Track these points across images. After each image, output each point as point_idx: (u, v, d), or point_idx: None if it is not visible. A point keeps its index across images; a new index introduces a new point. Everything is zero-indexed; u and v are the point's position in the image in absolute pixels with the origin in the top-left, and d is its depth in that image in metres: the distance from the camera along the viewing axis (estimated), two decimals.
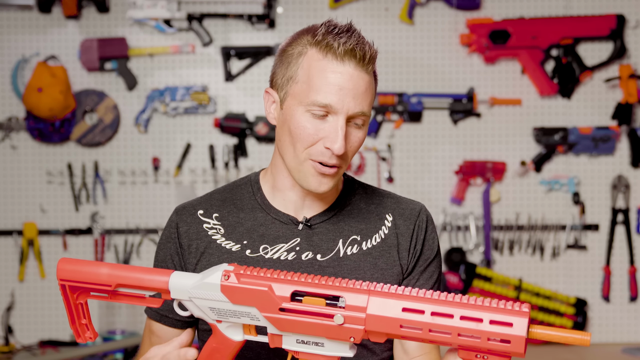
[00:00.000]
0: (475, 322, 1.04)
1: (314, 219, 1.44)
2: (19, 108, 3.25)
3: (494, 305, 1.04)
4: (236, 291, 1.13)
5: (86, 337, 1.23)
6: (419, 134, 3.26)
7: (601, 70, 3.23)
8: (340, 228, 1.44)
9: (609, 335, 3.23)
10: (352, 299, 1.09)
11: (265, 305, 1.12)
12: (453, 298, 1.06)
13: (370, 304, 1.08)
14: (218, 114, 3.25)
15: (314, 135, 1.33)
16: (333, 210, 1.46)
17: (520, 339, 1.02)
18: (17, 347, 3.16)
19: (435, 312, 1.06)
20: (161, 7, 3.20)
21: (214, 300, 1.14)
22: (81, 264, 1.20)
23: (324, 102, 1.31)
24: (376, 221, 1.46)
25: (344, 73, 1.31)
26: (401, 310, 1.07)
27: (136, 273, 1.19)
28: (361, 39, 1.33)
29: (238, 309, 1.14)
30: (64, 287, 1.20)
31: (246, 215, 1.45)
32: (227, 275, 1.13)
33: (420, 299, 1.07)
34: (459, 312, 1.05)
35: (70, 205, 3.26)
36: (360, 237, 1.44)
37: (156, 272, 1.19)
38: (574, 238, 3.24)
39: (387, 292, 1.09)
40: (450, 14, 3.24)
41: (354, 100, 1.32)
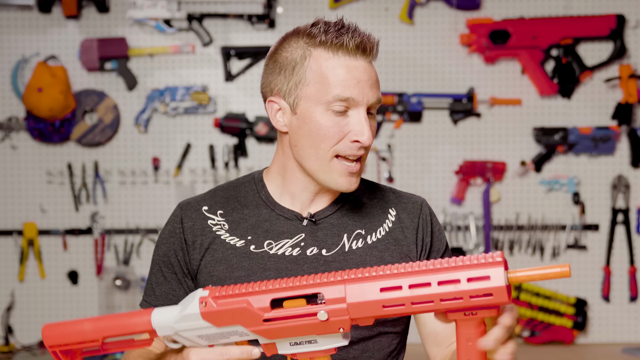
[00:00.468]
0: (453, 284, 1.04)
1: (318, 214, 1.45)
2: (19, 108, 3.25)
3: (467, 263, 1.04)
4: (217, 314, 1.12)
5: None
6: (419, 134, 3.26)
7: (601, 70, 3.23)
8: (344, 223, 1.45)
9: (609, 335, 3.23)
10: (330, 292, 1.09)
11: (248, 320, 1.11)
12: (427, 265, 1.06)
13: (348, 293, 1.08)
14: (218, 114, 3.25)
15: (339, 132, 1.34)
16: (337, 205, 1.46)
17: (501, 289, 1.02)
18: (17, 347, 3.16)
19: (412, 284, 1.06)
20: (161, 7, 3.20)
21: (199, 328, 1.14)
22: (64, 326, 1.18)
23: (345, 96, 1.32)
24: (380, 215, 1.47)
25: (358, 67, 1.35)
26: (379, 291, 1.07)
27: (118, 320, 1.17)
28: (363, 32, 1.37)
29: (224, 330, 1.13)
30: (55, 352, 1.18)
31: (250, 211, 1.45)
32: (205, 302, 1.12)
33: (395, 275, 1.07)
34: (435, 278, 1.05)
35: (70, 205, 3.26)
36: (364, 231, 1.45)
37: (136, 314, 1.17)
38: (574, 238, 3.24)
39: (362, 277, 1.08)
40: (450, 14, 3.24)
41: (371, 90, 1.35)
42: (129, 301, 3.20)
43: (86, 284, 3.26)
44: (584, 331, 3.21)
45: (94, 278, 3.26)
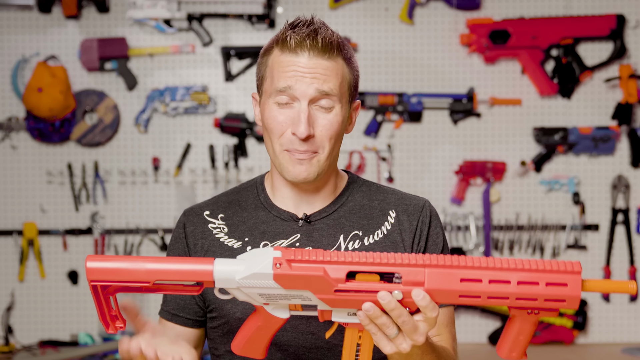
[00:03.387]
0: (532, 286, 1.08)
1: (314, 215, 1.46)
2: (19, 108, 3.25)
3: (548, 267, 1.08)
4: (290, 278, 1.12)
5: (116, 327, 1.19)
6: (419, 134, 3.26)
7: (601, 70, 3.23)
8: (341, 224, 1.46)
9: (609, 335, 3.23)
10: (409, 274, 1.10)
11: (320, 288, 1.12)
12: (509, 263, 1.09)
13: (427, 278, 1.10)
14: (218, 114, 3.25)
15: (282, 124, 1.38)
16: (334, 207, 1.47)
17: (575, 298, 1.08)
18: (17, 347, 3.16)
19: (492, 279, 1.09)
20: (161, 7, 3.20)
21: (265, 287, 1.13)
22: (113, 261, 1.14)
23: (282, 86, 1.36)
24: (379, 217, 1.47)
25: (298, 62, 1.37)
26: (459, 281, 1.09)
27: (176, 265, 1.14)
28: (317, 29, 1.38)
29: (291, 293, 1.13)
30: (95, 287, 1.14)
31: (249, 214, 1.48)
32: (279, 263, 1.12)
33: (478, 267, 1.09)
34: (515, 277, 1.08)
35: (70, 205, 3.26)
36: (362, 232, 1.45)
37: (197, 261, 1.15)
38: (574, 238, 3.24)
39: (444, 264, 1.10)
40: (450, 14, 3.24)
41: (312, 82, 1.36)
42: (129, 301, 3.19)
43: (86, 284, 3.24)
44: (584, 331, 3.21)
45: None
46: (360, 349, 1.18)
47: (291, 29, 1.39)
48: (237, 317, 1.42)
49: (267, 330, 1.19)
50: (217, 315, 1.46)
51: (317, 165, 1.40)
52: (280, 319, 1.18)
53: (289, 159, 1.39)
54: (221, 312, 1.44)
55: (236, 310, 1.42)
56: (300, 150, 1.38)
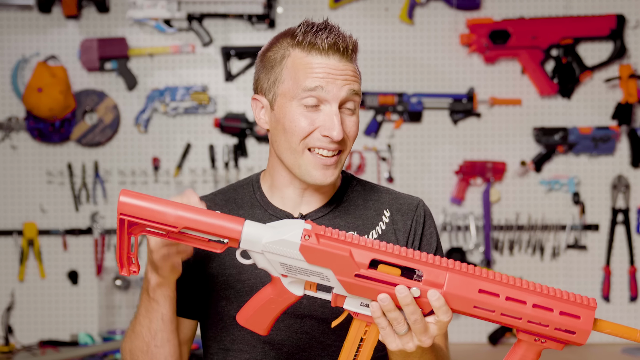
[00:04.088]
0: (546, 311, 1.09)
1: (311, 215, 1.46)
2: (19, 108, 3.25)
3: (565, 297, 1.09)
4: (316, 252, 1.12)
5: (130, 270, 1.18)
6: (419, 134, 3.26)
7: (601, 70, 3.23)
8: (336, 224, 1.46)
9: (609, 335, 3.23)
10: (431, 274, 1.11)
11: (342, 269, 1.12)
12: (528, 285, 1.10)
13: (448, 282, 1.11)
14: (218, 114, 3.25)
15: (309, 126, 1.37)
16: (330, 207, 1.48)
17: (585, 332, 1.08)
18: (17, 347, 3.16)
19: (510, 297, 1.09)
20: (161, 7, 3.20)
21: (289, 257, 1.13)
22: (146, 199, 1.13)
23: (313, 86, 1.35)
24: (373, 217, 1.48)
25: (329, 64, 1.36)
26: (477, 292, 1.10)
27: (206, 217, 1.13)
28: (340, 32, 1.38)
29: (312, 268, 1.13)
30: (123, 221, 1.13)
31: (245, 212, 1.48)
32: (308, 235, 1.12)
33: (497, 282, 1.10)
34: (532, 299, 1.09)
35: (70, 205, 3.26)
36: (357, 232, 1.46)
37: (228, 218, 1.15)
38: (574, 238, 3.24)
39: (466, 272, 1.11)
40: (450, 14, 3.24)
41: (343, 83, 1.36)
42: (129, 301, 3.20)
43: (86, 284, 3.26)
44: None
45: (94, 278, 3.26)
46: (362, 345, 1.18)
47: (313, 32, 1.38)
48: (232, 315, 1.42)
49: (278, 305, 1.19)
50: (212, 312, 1.46)
51: (339, 167, 1.42)
52: (293, 295, 1.17)
53: (313, 163, 1.39)
54: (216, 309, 1.44)
55: (230, 308, 1.43)
56: (330, 149, 1.38)
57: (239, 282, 1.43)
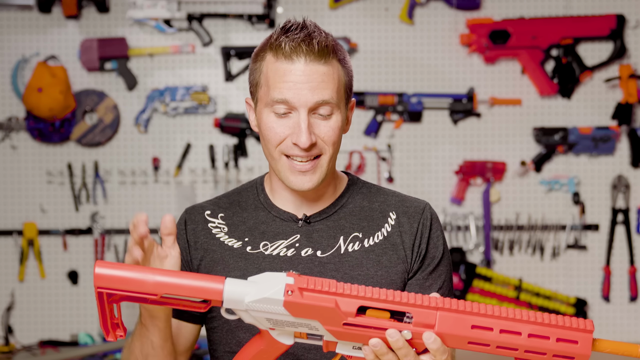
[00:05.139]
0: (542, 340, 1.07)
1: (314, 216, 1.46)
2: (19, 108, 3.25)
3: (560, 323, 1.08)
4: (301, 307, 1.10)
5: (116, 335, 1.16)
6: (419, 134, 3.26)
7: (601, 70, 3.23)
8: (341, 225, 1.46)
9: (609, 335, 3.23)
10: (421, 316, 1.09)
11: (329, 319, 1.10)
12: (521, 315, 1.08)
13: (439, 321, 1.09)
14: (218, 114, 3.25)
15: (280, 134, 1.37)
16: (334, 208, 1.47)
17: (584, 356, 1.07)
18: (17, 347, 3.16)
19: (503, 329, 1.08)
20: (161, 7, 3.20)
21: (274, 313, 1.11)
22: (122, 269, 1.11)
23: (279, 98, 1.35)
24: (379, 219, 1.47)
25: (295, 70, 1.35)
26: (470, 328, 1.08)
27: (186, 280, 1.11)
28: (311, 33, 1.36)
29: (298, 321, 1.12)
30: (101, 294, 1.12)
31: (249, 214, 1.48)
32: (291, 290, 1.10)
33: (490, 316, 1.08)
34: (527, 329, 1.07)
35: (70, 205, 3.26)
36: (362, 234, 1.45)
37: (208, 279, 1.12)
38: (574, 238, 3.24)
39: (457, 309, 1.09)
40: (450, 14, 3.24)
41: (310, 92, 1.34)
42: None
43: (86, 284, 3.26)
44: None
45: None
46: None
47: (284, 34, 1.36)
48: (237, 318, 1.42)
49: (269, 354, 1.17)
50: (217, 316, 1.46)
51: (320, 172, 1.40)
52: (283, 344, 1.16)
53: (289, 168, 1.39)
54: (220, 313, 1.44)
55: None
56: (302, 156, 1.37)
57: None
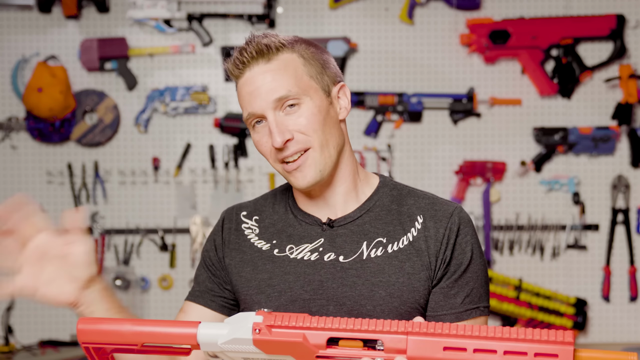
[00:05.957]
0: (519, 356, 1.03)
1: (339, 220, 1.44)
2: (19, 108, 3.25)
3: (537, 337, 1.03)
4: (270, 344, 1.11)
5: None
6: (419, 134, 3.26)
7: (601, 70, 3.23)
8: (365, 230, 1.43)
9: (609, 335, 3.23)
10: (391, 342, 1.08)
11: (300, 354, 1.11)
12: (495, 332, 1.05)
13: (409, 346, 1.07)
14: (218, 114, 3.25)
15: (266, 144, 1.39)
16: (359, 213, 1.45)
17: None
18: (17, 347, 3.16)
19: (477, 348, 1.04)
20: (161, 7, 3.20)
21: (247, 352, 1.13)
22: (102, 323, 1.17)
23: (247, 114, 1.39)
24: (406, 223, 1.43)
25: (246, 82, 1.38)
26: (442, 350, 1.06)
27: (161, 328, 1.15)
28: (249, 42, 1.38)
29: (273, 358, 1.13)
30: (88, 349, 1.17)
31: (279, 217, 1.49)
32: (258, 329, 1.11)
33: (461, 336, 1.05)
34: (502, 346, 1.04)
35: (70, 205, 3.26)
36: (386, 239, 1.42)
37: (182, 325, 1.15)
38: (574, 238, 3.24)
39: (426, 332, 1.07)
40: (450, 14, 3.24)
41: (265, 93, 1.36)
42: (129, 301, 3.19)
43: None
44: (584, 331, 3.21)
45: None
46: None
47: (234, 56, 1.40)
48: None
49: None
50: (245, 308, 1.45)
51: (313, 165, 1.38)
52: None
53: (285, 171, 1.40)
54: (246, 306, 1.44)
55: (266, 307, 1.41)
56: (288, 159, 1.38)
57: (270, 286, 1.42)
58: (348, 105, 1.46)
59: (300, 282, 1.40)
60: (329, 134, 1.40)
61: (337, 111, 1.44)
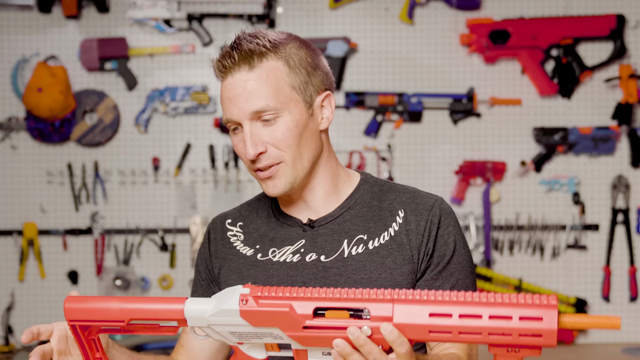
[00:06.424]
0: (504, 320, 1.04)
1: (319, 220, 1.45)
2: (19, 108, 3.25)
3: (521, 301, 1.04)
4: (256, 314, 1.11)
5: None
6: (419, 134, 3.26)
7: (601, 70, 3.23)
8: (345, 228, 1.43)
9: (609, 335, 3.23)
10: (377, 309, 1.08)
11: (287, 325, 1.11)
12: (479, 297, 1.06)
13: (395, 313, 1.07)
14: (218, 114, 3.25)
15: (241, 149, 1.39)
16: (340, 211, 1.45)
17: (551, 332, 1.02)
18: (17, 347, 3.16)
19: (463, 314, 1.05)
20: (161, 7, 3.20)
21: (234, 325, 1.13)
22: (89, 301, 1.17)
23: (225, 118, 1.39)
24: (387, 218, 1.43)
25: (227, 86, 1.37)
26: (428, 316, 1.06)
27: (148, 304, 1.16)
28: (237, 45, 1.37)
29: (260, 330, 1.12)
30: (75, 327, 1.17)
31: (262, 221, 1.50)
32: (245, 300, 1.11)
33: (446, 302, 1.06)
34: (487, 311, 1.04)
35: (70, 205, 3.26)
36: (367, 236, 1.42)
37: (169, 301, 1.16)
38: (574, 238, 3.24)
39: (412, 299, 1.08)
40: (450, 14, 3.24)
41: (244, 103, 1.35)
42: None
43: (86, 284, 3.26)
44: (584, 331, 3.21)
45: (94, 278, 3.26)
46: None
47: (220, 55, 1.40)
48: None
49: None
50: None
51: (284, 176, 1.38)
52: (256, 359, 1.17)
53: (258, 178, 1.41)
54: None
55: None
56: (261, 168, 1.38)
57: None
58: (331, 116, 1.43)
59: (283, 285, 1.40)
60: (304, 147, 1.38)
61: (318, 121, 1.42)
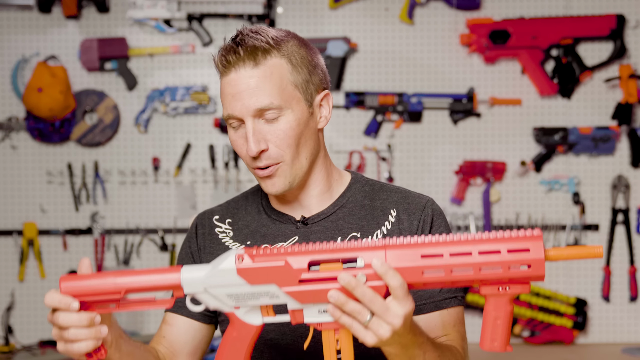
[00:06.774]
0: (494, 254, 1.09)
1: (313, 218, 1.45)
2: (19, 108, 3.25)
3: (506, 236, 1.09)
4: (253, 272, 1.13)
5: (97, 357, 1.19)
6: (419, 134, 3.26)
7: (601, 70, 3.23)
8: (339, 226, 1.44)
9: (609, 335, 3.23)
10: (370, 257, 1.11)
11: (284, 280, 1.12)
12: (467, 237, 1.10)
13: (388, 258, 1.11)
14: (218, 114, 3.25)
15: (241, 145, 1.39)
16: (333, 209, 1.46)
17: (539, 261, 1.07)
18: (17, 347, 3.16)
19: (453, 252, 1.09)
20: (161, 7, 3.20)
21: (231, 285, 1.14)
22: (83, 277, 1.17)
23: (226, 114, 1.38)
24: (379, 217, 1.44)
25: (230, 82, 1.36)
26: (420, 258, 1.10)
27: (144, 275, 1.17)
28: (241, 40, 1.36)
29: (256, 289, 1.14)
30: None
31: (252, 218, 1.50)
32: (241, 258, 1.14)
33: (437, 243, 1.10)
34: (476, 248, 1.09)
35: (70, 205, 3.27)
36: (360, 234, 1.43)
37: (164, 270, 1.18)
38: (574, 238, 3.24)
39: (403, 244, 1.12)
40: (450, 14, 3.24)
41: (248, 99, 1.34)
42: None
43: None
44: (584, 331, 3.21)
45: None
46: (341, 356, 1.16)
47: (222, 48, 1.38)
48: None
49: (242, 341, 1.18)
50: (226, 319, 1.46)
51: (283, 176, 1.38)
52: (253, 326, 1.17)
53: (257, 176, 1.41)
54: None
55: None
56: (260, 167, 1.38)
57: None
58: (329, 115, 1.45)
59: None
60: (304, 146, 1.39)
61: (317, 120, 1.43)
